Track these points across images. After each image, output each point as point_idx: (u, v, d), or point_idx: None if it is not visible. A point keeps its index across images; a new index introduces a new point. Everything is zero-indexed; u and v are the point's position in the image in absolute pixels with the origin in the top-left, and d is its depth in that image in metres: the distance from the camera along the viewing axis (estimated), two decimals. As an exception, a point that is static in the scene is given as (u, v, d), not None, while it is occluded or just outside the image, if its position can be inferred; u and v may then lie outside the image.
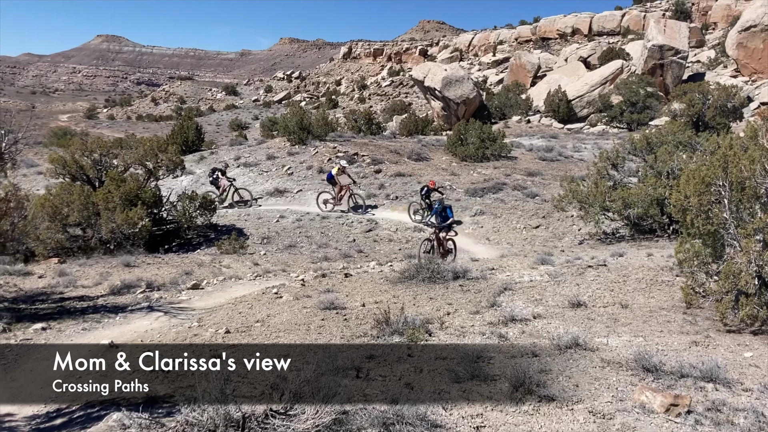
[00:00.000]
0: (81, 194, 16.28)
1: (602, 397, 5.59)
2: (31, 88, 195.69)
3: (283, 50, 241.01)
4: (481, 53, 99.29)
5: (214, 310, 9.75)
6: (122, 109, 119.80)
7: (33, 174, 27.67)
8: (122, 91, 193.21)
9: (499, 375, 6.13)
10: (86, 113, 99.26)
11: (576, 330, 7.44)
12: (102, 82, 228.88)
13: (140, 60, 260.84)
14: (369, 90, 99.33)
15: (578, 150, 32.48)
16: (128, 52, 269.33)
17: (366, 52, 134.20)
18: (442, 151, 30.03)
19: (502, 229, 19.87)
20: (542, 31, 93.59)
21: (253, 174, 27.68)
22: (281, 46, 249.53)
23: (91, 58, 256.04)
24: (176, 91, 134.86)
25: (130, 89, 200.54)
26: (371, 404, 5.42)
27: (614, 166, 18.12)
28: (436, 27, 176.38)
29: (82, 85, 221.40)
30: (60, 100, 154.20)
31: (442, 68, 54.11)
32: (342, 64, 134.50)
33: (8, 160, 9.91)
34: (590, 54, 66.49)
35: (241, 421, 4.40)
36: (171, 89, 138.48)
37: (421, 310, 8.79)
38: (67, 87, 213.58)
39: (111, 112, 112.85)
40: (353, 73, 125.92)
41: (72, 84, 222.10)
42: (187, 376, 6.29)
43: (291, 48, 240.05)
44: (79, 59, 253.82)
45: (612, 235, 17.40)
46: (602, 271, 10.93)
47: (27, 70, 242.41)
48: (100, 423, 4.62)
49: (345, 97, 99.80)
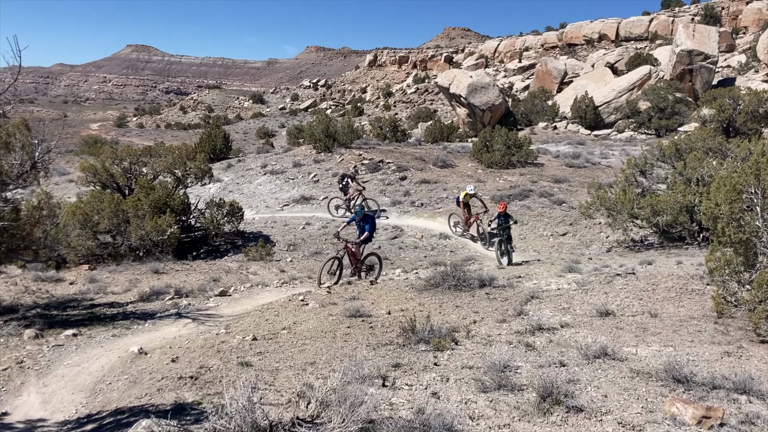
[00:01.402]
0: (111, 202, 16.54)
1: (631, 408, 5.50)
2: (63, 97, 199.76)
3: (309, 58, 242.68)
4: (507, 60, 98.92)
5: (241, 317, 9.82)
6: (151, 117, 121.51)
7: (64, 182, 28.18)
8: (151, 99, 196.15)
9: (527, 385, 6.08)
10: (116, 122, 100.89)
11: (604, 339, 7.35)
12: (132, 91, 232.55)
13: (169, 69, 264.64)
14: (394, 97, 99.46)
15: (606, 156, 32.14)
16: (157, 61, 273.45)
17: (391, 60, 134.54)
18: (468, 157, 29.95)
19: (529, 236, 19.73)
20: (568, 37, 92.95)
21: (279, 181, 27.86)
22: (307, 54, 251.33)
23: (121, 67, 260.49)
24: (204, 99, 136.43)
25: (159, 98, 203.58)
26: (397, 413, 5.41)
27: (642, 173, 17.91)
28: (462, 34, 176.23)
29: (113, 94, 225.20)
30: (91, 109, 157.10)
31: (468, 75, 54.00)
32: (367, 72, 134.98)
33: (41, 168, 10.09)
34: (617, 60, 65.91)
35: (268, 429, 4.42)
36: (199, 98, 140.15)
37: (447, 319, 8.75)
38: (98, 96, 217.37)
39: (140, 121, 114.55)
40: (378, 80, 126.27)
41: (102, 93, 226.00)
42: (214, 383, 6.35)
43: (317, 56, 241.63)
44: (110, 69, 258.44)
45: (640, 243, 17.18)
46: (631, 279, 10.79)
47: (59, 79, 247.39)
48: (129, 430, 4.67)
49: (370, 105, 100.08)
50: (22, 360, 7.48)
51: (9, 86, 9.18)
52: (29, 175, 9.84)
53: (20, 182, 9.84)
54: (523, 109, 52.61)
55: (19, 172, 9.65)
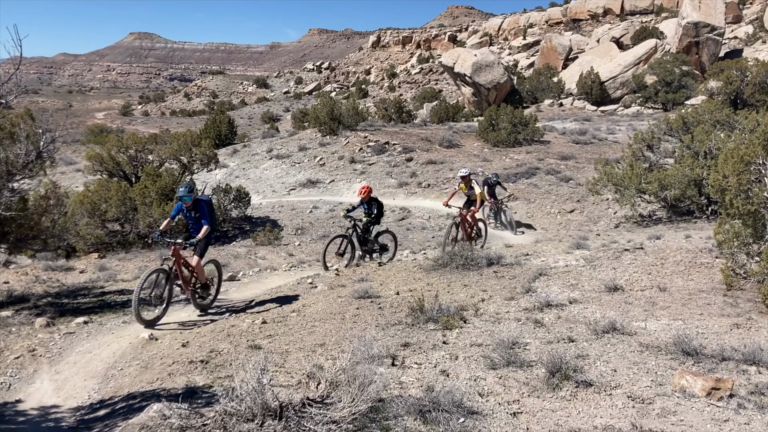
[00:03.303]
0: (118, 190, 16.60)
1: (641, 382, 5.51)
2: (68, 87, 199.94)
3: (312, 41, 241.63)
4: (511, 37, 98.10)
5: (251, 300, 9.87)
6: (156, 105, 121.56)
7: (71, 171, 28.30)
8: (156, 87, 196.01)
9: (536, 361, 6.09)
10: (121, 110, 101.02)
11: (613, 314, 7.34)
12: (136, 79, 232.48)
13: (172, 56, 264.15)
14: (399, 78, 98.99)
15: (612, 132, 31.98)
16: (160, 48, 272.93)
17: (395, 40, 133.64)
18: (474, 137, 29.85)
19: (536, 214, 19.68)
20: (573, 13, 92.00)
21: (285, 166, 27.87)
22: (310, 37, 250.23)
23: (124, 55, 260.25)
24: (208, 85, 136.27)
25: (163, 85, 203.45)
26: (407, 392, 5.44)
27: (650, 148, 17.81)
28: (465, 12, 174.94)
29: (117, 83, 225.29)
30: (95, 98, 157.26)
31: (472, 54, 53.62)
32: (371, 53, 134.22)
33: (47, 158, 10.11)
34: (623, 34, 65.25)
35: (279, 410, 4.44)
36: (203, 84, 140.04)
37: (456, 298, 8.76)
38: (102, 85, 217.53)
39: (145, 109, 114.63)
40: (382, 61, 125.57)
41: (107, 82, 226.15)
42: (225, 367, 6.39)
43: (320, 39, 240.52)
44: (113, 57, 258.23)
45: (648, 218, 17.11)
46: (639, 254, 10.75)
47: (63, 69, 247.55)
48: (141, 414, 4.71)
49: (375, 86, 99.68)
50: (35, 348, 7.55)
51: (11, 76, 9.17)
52: (35, 165, 9.87)
53: (26, 172, 9.86)
54: (529, 86, 52.27)
55: (24, 162, 9.67)
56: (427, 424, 4.72)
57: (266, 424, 4.35)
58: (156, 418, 4.52)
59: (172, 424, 4.41)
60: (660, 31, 57.36)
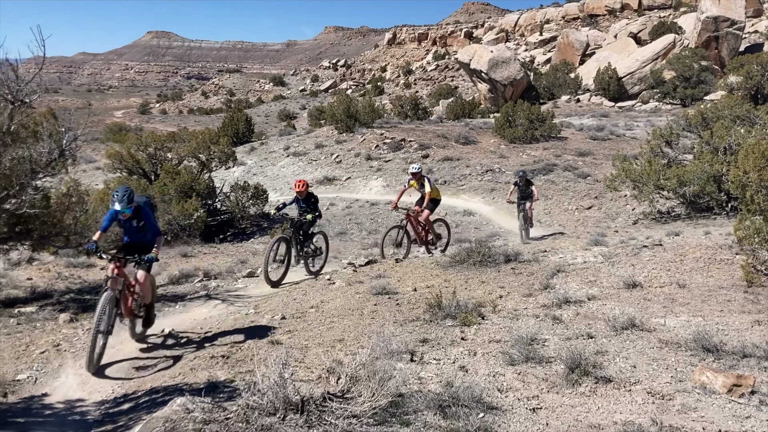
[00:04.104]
0: (138, 188, 16.78)
1: (661, 378, 5.50)
2: (87, 86, 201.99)
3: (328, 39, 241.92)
4: (528, 33, 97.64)
5: (270, 297, 9.95)
6: (174, 103, 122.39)
7: (92, 169, 28.61)
8: (173, 85, 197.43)
9: (555, 357, 6.09)
10: (139, 108, 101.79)
11: (632, 311, 7.32)
12: (153, 77, 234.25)
13: (189, 54, 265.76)
14: (414, 75, 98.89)
15: (630, 128, 31.76)
16: (178, 47, 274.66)
17: (410, 37, 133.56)
18: (490, 133, 29.77)
19: (554, 210, 19.62)
20: (590, 8, 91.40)
21: (302, 163, 27.98)
22: (326, 35, 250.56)
23: (142, 54, 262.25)
24: (225, 83, 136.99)
25: (180, 84, 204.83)
26: (426, 387, 5.48)
27: (668, 144, 17.67)
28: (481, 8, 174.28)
29: (135, 81, 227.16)
30: (114, 97, 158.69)
31: (488, 50, 53.46)
32: (387, 51, 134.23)
33: (69, 156, 10.23)
34: (640, 29, 64.73)
35: (300, 404, 4.50)
36: (220, 82, 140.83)
37: (473, 294, 8.77)
38: (121, 83, 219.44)
39: (163, 107, 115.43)
40: (398, 58, 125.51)
41: (125, 80, 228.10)
42: (245, 362, 6.47)
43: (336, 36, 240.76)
44: (131, 56, 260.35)
45: (667, 214, 16.99)
46: (658, 250, 10.70)
47: (82, 68, 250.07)
48: (164, 407, 4.79)
49: (391, 83, 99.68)
50: (59, 343, 7.67)
51: (34, 75, 9.32)
52: (58, 163, 10.00)
53: (49, 170, 9.99)
54: (545, 82, 52.03)
55: (47, 160, 9.80)
56: (447, 419, 4.75)
57: (288, 417, 4.41)
58: (179, 412, 4.59)
59: (196, 418, 4.47)
60: (678, 26, 56.76)
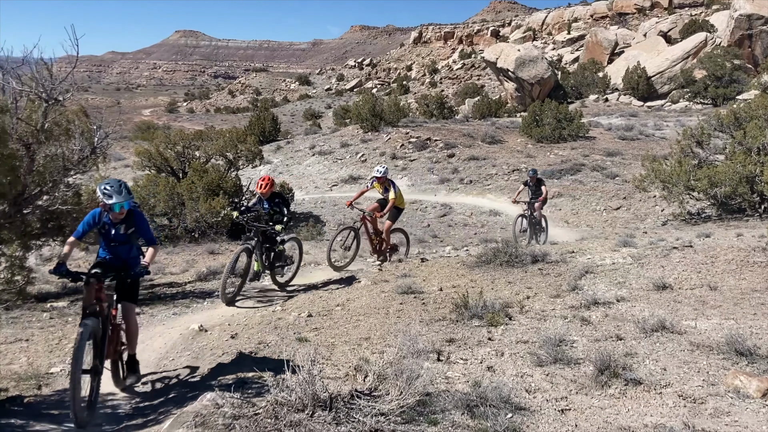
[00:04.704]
0: (166, 185, 16.98)
1: (692, 381, 5.42)
2: (116, 84, 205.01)
3: (353, 38, 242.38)
4: (555, 32, 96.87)
5: (296, 294, 10.00)
6: (201, 102, 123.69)
7: (120, 167, 29.01)
8: (200, 84, 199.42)
9: (583, 358, 6.04)
10: (167, 107, 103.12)
11: (662, 313, 7.22)
12: (181, 76, 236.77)
13: (216, 53, 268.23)
14: (440, 74, 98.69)
15: (659, 128, 31.33)
16: (205, 46, 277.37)
17: (437, 36, 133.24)
18: (517, 133, 29.60)
19: (581, 211, 19.44)
20: (619, 6, 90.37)
21: (327, 162, 28.09)
22: (352, 34, 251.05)
23: (170, 53, 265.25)
24: (252, 82, 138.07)
25: (207, 82, 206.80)
26: (453, 386, 5.46)
27: (699, 144, 17.39)
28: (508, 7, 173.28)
29: (163, 80, 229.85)
30: (142, 95, 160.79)
31: (515, 49, 53.14)
32: (412, 49, 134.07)
33: (100, 153, 10.40)
34: (671, 27, 63.83)
35: (328, 401, 4.52)
36: (247, 81, 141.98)
37: (500, 294, 8.73)
38: (149, 82, 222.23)
39: (190, 106, 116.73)
40: (424, 57, 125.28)
41: (153, 79, 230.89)
42: (273, 358, 6.51)
43: (361, 35, 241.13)
44: (159, 55, 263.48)
45: (697, 216, 16.74)
46: (688, 252, 10.53)
47: (111, 67, 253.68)
48: (195, 402, 4.84)
49: (416, 82, 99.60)
50: (90, 337, 7.80)
51: (68, 74, 9.49)
52: (89, 161, 10.16)
53: (81, 167, 10.16)
54: (573, 81, 51.57)
55: (79, 157, 9.96)
56: (475, 418, 4.73)
57: (316, 414, 4.43)
58: (209, 407, 4.64)
59: (225, 413, 4.51)
60: (710, 24, 55.83)
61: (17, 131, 9.12)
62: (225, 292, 9.09)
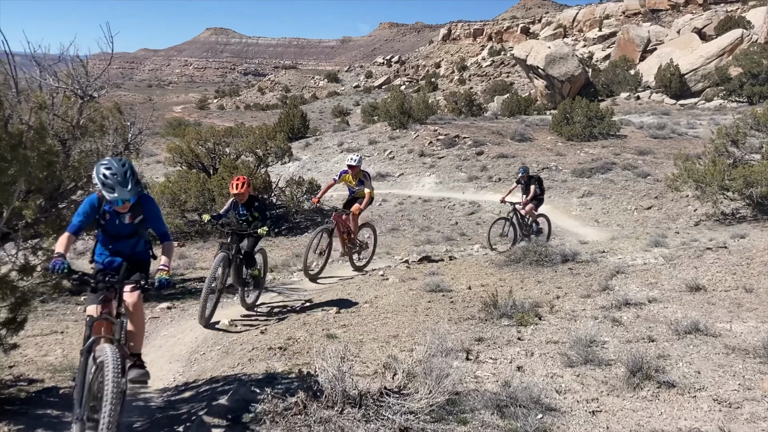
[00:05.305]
0: (197, 181, 17.15)
1: (727, 385, 5.32)
2: (148, 81, 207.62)
3: (382, 35, 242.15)
4: (586, 29, 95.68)
5: (324, 291, 10.05)
6: (231, 99, 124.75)
7: (152, 162, 29.37)
8: (230, 81, 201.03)
9: (615, 360, 5.97)
10: (198, 104, 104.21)
11: (695, 315, 7.10)
12: (211, 73, 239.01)
13: (247, 51, 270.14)
14: (469, 71, 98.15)
15: (693, 126, 30.75)
16: (235, 43, 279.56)
17: (466, 33, 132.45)
18: (547, 130, 29.32)
19: (612, 210, 19.19)
20: (652, 3, 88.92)
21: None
22: (381, 31, 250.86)
23: (201, 50, 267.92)
24: (281, 80, 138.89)
25: (237, 80, 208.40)
26: (483, 386, 5.43)
27: (734, 143, 17.04)
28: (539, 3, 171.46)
29: (194, 77, 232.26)
30: (174, 92, 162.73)
31: (546, 45, 52.64)
32: (441, 46, 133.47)
33: (133, 150, 10.53)
34: (705, 24, 62.56)
35: (358, 398, 4.53)
36: (276, 78, 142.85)
37: (530, 294, 8.67)
38: (180, 79, 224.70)
39: (221, 103, 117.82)
40: (453, 54, 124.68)
41: (184, 76, 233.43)
42: (302, 354, 6.54)
43: (390, 33, 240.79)
44: (191, 52, 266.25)
45: (731, 216, 16.42)
46: (722, 253, 10.34)
47: (143, 64, 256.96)
48: (225, 397, 4.90)
49: (445, 80, 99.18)
50: (122, 331, 7.91)
51: (103, 71, 9.62)
52: (122, 156, 10.30)
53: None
54: (604, 79, 50.91)
55: (113, 153, 10.11)
56: (505, 418, 4.71)
57: (346, 411, 4.44)
58: (240, 402, 4.68)
59: (255, 408, 4.55)
60: (747, 21, 54.64)
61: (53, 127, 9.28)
62: (203, 315, 8.03)
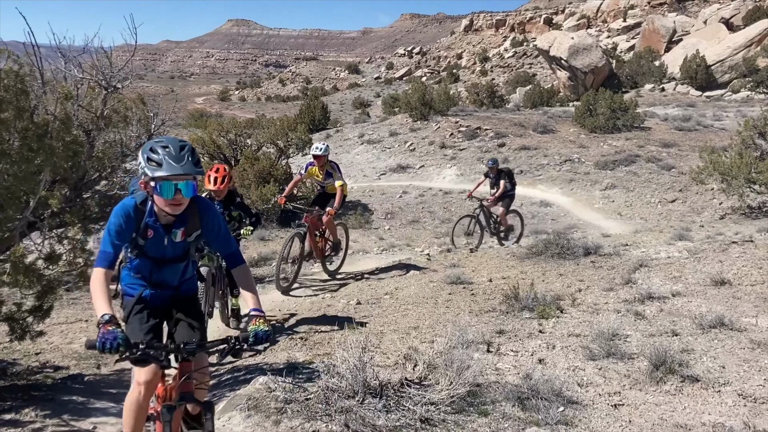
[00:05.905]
0: (219, 172, 17.24)
1: (753, 380, 5.24)
2: (170, 72, 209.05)
3: (403, 26, 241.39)
4: (610, 19, 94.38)
5: (345, 281, 10.07)
6: (252, 90, 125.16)
7: (175, 154, 29.61)
8: (252, 73, 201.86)
9: (637, 353, 5.91)
10: (219, 95, 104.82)
11: (720, 309, 7.01)
12: (233, 65, 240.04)
13: (268, 42, 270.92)
14: (491, 62, 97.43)
15: (719, 119, 30.28)
16: (256, 35, 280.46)
17: (488, 24, 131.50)
18: (570, 122, 29.06)
19: (635, 203, 18.99)
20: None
21: (376, 150, 28.11)
22: (402, 22, 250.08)
23: (222, 42, 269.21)
24: (302, 71, 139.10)
25: (259, 71, 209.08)
26: (504, 378, 5.42)
27: (762, 135, 16.76)
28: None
29: (215, 69, 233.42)
30: (195, 84, 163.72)
31: (569, 36, 52.06)
32: (463, 37, 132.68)
33: (156, 140, 10.63)
34: (733, 14, 61.41)
35: (379, 388, 4.54)
36: (297, 70, 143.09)
37: (551, 287, 8.61)
38: (202, 71, 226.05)
39: (242, 94, 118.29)
40: (474, 45, 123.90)
41: (206, 68, 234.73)
42: (323, 344, 6.58)
43: (411, 23, 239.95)
44: (212, 44, 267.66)
45: (758, 210, 16.17)
46: (748, 247, 10.18)
47: (166, 56, 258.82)
48: (248, 386, 4.93)
49: (466, 71, 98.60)
50: (146, 319, 8.00)
51: (126, 62, 9.70)
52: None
53: (137, 154, 10.42)
54: (628, 70, 50.23)
55: (137, 144, 10.20)
56: (526, 411, 4.69)
57: (366, 401, 4.45)
58: (262, 390, 4.71)
59: (277, 397, 4.59)
60: (775, 11, 53.61)
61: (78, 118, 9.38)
62: None
